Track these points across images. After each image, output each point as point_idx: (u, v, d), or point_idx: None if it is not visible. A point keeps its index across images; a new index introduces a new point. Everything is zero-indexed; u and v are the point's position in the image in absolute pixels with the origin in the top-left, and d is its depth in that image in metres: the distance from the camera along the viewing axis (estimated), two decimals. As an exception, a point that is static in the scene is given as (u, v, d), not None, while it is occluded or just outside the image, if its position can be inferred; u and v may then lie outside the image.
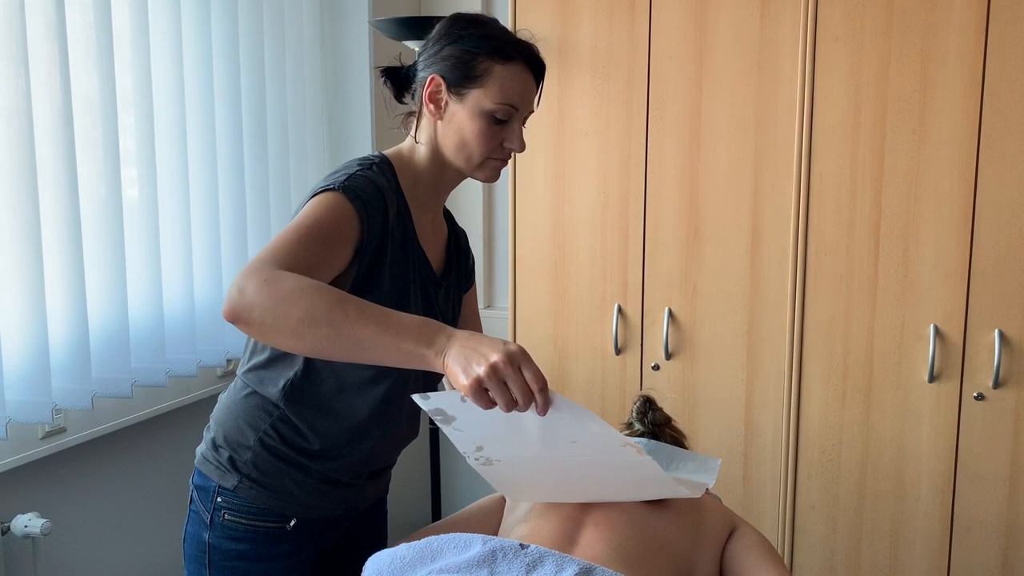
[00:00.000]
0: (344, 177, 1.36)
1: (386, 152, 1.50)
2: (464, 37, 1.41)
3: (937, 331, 2.29)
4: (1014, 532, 2.29)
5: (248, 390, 1.47)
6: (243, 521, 1.46)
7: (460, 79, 1.41)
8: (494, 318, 3.16)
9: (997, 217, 2.22)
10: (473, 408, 1.14)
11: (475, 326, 1.72)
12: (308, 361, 1.42)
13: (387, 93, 1.52)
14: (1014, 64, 2.17)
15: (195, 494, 1.50)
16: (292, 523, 1.47)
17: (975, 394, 2.28)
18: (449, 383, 1.41)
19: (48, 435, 2.08)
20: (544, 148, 2.60)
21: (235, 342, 2.46)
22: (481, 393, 1.10)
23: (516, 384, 1.10)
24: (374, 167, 1.42)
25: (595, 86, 2.53)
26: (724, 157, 2.43)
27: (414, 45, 2.68)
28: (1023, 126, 2.18)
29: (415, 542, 1.28)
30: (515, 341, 2.69)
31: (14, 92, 1.85)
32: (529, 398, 1.11)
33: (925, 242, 2.28)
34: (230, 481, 1.45)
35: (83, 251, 2.03)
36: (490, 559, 1.19)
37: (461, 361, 1.10)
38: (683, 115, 2.45)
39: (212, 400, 1.56)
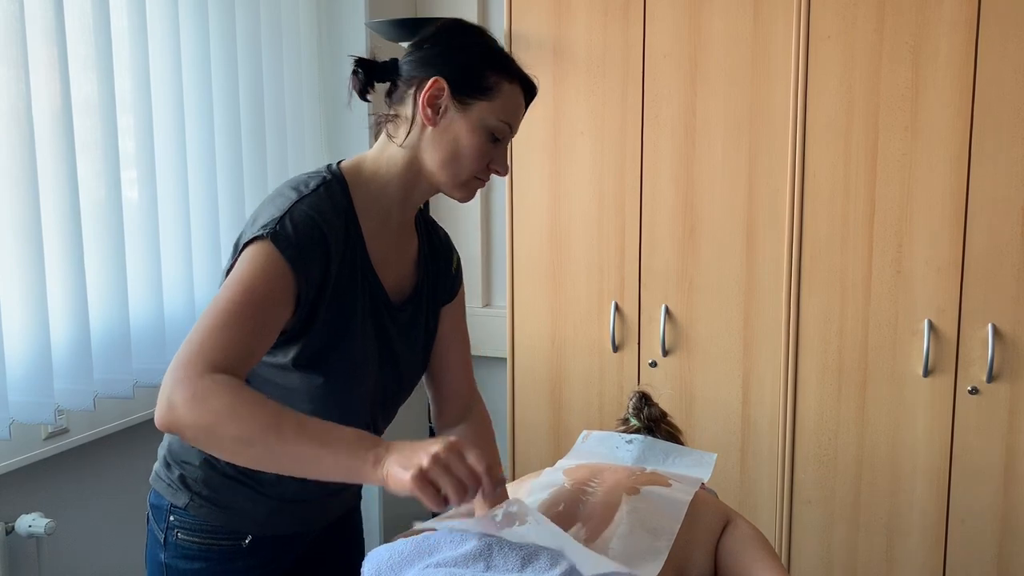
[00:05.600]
0: (278, 216, 1.25)
1: (343, 164, 1.38)
2: (475, 46, 1.33)
3: (931, 326, 2.31)
4: (1008, 523, 2.31)
5: None
6: (196, 540, 1.40)
7: (467, 88, 1.30)
8: (492, 317, 3.18)
9: (989, 212, 2.24)
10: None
11: (459, 343, 1.56)
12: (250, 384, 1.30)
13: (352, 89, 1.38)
14: (1004, 62, 2.19)
15: (150, 513, 1.45)
16: (248, 540, 1.41)
17: (969, 388, 2.30)
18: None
19: (51, 436, 2.10)
20: (540, 147, 2.61)
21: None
22: (427, 485, 1.07)
23: (461, 469, 1.09)
24: (321, 188, 1.31)
25: (590, 85, 2.55)
26: (719, 155, 2.44)
27: (411, 46, 2.70)
28: (1014, 122, 2.20)
29: (412, 537, 1.29)
30: (513, 339, 2.71)
31: (14, 94, 1.86)
32: (476, 481, 1.10)
33: (918, 238, 2.30)
34: (181, 499, 1.40)
35: (83, 252, 2.04)
36: (486, 553, 1.21)
37: (402, 461, 1.08)
38: (678, 113, 2.47)
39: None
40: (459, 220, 3.19)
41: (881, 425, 2.39)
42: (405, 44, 2.68)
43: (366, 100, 1.39)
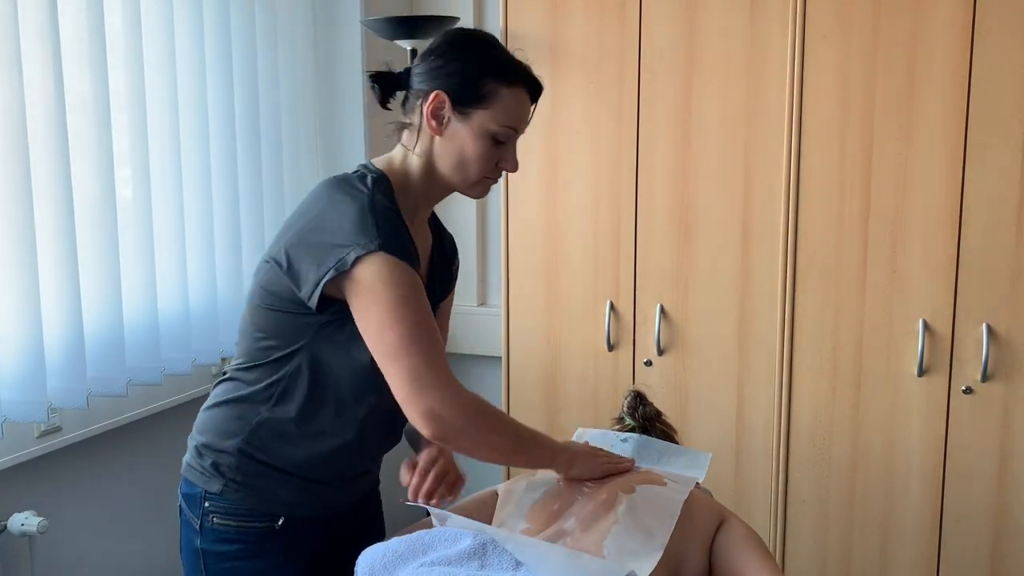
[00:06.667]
0: (371, 224, 1.35)
1: (377, 164, 1.49)
2: (471, 56, 1.43)
3: (926, 326, 2.31)
4: (1002, 523, 2.32)
5: (229, 396, 1.50)
6: (232, 523, 1.48)
7: (466, 99, 1.42)
8: (488, 316, 3.17)
9: (984, 212, 2.24)
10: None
11: (442, 333, 1.66)
12: (292, 375, 1.45)
13: (372, 97, 1.52)
14: (999, 62, 2.19)
15: (183, 503, 1.53)
16: (280, 522, 1.49)
17: (963, 388, 2.30)
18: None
19: (44, 434, 2.09)
20: (536, 146, 2.61)
21: (229, 341, 2.47)
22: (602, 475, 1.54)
23: (607, 458, 1.57)
24: (377, 186, 1.41)
25: (586, 84, 2.55)
26: (714, 154, 2.44)
27: (406, 44, 2.70)
28: (1009, 123, 2.20)
29: (407, 535, 1.29)
30: (508, 338, 2.71)
31: (7, 92, 1.86)
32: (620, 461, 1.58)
33: (913, 238, 2.30)
34: (215, 485, 1.48)
35: (77, 251, 2.04)
36: (480, 551, 1.20)
37: (585, 466, 1.51)
38: (674, 113, 2.47)
39: (207, 399, 1.58)
40: (455, 219, 3.19)
41: (875, 425, 2.39)
42: (399, 42, 2.68)
43: (387, 108, 1.51)
